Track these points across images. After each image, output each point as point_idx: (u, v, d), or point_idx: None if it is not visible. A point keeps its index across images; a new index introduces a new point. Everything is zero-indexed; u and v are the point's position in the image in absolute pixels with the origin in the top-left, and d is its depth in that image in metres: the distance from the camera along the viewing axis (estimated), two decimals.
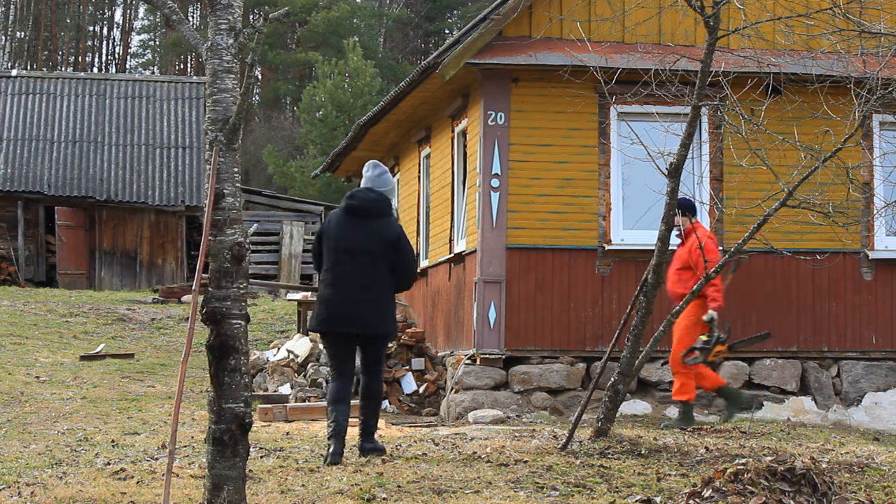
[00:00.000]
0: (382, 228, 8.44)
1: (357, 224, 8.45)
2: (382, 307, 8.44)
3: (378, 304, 8.40)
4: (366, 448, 8.36)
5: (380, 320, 8.41)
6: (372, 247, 8.37)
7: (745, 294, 12.47)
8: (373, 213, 8.47)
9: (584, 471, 7.56)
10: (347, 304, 8.34)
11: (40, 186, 29.84)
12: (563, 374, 12.16)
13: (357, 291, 8.34)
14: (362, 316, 8.34)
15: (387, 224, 8.47)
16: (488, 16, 12.36)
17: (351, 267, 8.37)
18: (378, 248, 8.37)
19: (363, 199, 8.49)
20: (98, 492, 6.83)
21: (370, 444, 8.39)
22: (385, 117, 15.27)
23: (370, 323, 8.36)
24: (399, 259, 8.44)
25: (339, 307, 8.36)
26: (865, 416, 12.44)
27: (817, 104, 10.15)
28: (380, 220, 8.47)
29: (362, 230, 8.42)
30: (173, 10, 6.06)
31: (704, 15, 8.79)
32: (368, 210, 8.46)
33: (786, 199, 9.13)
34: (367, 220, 8.44)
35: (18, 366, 14.54)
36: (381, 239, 8.39)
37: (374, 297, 8.37)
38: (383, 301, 8.45)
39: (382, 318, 8.43)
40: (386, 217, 8.51)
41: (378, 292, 8.39)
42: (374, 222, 8.45)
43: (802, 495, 5.92)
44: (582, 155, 12.44)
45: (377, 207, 8.48)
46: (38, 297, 23.81)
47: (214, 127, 5.84)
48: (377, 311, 8.40)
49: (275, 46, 50.98)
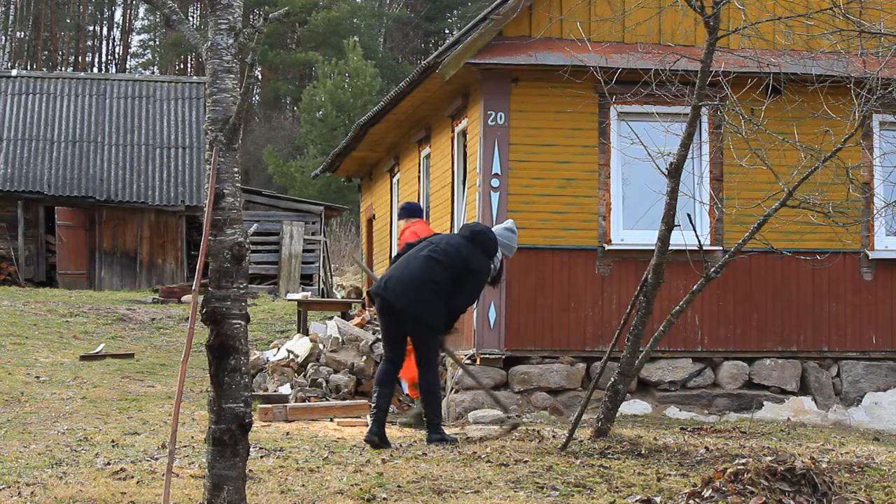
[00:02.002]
0: (472, 257, 8.96)
1: (460, 244, 9.06)
2: (429, 297, 8.85)
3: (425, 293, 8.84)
4: (429, 440, 8.86)
5: (423, 302, 8.82)
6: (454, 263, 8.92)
7: (745, 294, 12.47)
8: (475, 240, 9.05)
9: (584, 471, 7.56)
10: (398, 276, 8.93)
11: (40, 186, 29.83)
12: (563, 374, 12.16)
13: (414, 273, 8.89)
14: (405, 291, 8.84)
15: (478, 257, 8.99)
16: (488, 16, 12.36)
17: (421, 261, 8.95)
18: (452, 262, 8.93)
19: (476, 231, 9.12)
20: (98, 492, 6.83)
21: (434, 435, 8.88)
22: (385, 117, 15.27)
23: (411, 299, 8.81)
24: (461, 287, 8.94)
25: (391, 274, 8.99)
26: (865, 416, 12.44)
27: (817, 104, 10.16)
28: (476, 251, 8.99)
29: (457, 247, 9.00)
30: (173, 10, 6.06)
31: (704, 15, 8.80)
32: (472, 236, 9.07)
33: (786, 199, 9.13)
34: (469, 242, 9.02)
35: (18, 366, 14.54)
36: (465, 263, 8.91)
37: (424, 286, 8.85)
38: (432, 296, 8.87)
39: (425, 303, 8.83)
40: (483, 254, 9.02)
41: (432, 289, 8.86)
42: (472, 248, 9.01)
43: (802, 495, 5.92)
44: (582, 155, 12.44)
45: (483, 240, 9.04)
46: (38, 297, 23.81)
47: (214, 127, 5.84)
48: (424, 295, 8.84)
49: (275, 46, 50.98)
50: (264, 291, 28.53)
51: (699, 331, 12.41)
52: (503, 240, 9.22)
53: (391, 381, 8.99)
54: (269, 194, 31.30)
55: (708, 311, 12.39)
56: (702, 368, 12.40)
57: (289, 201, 31.21)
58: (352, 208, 38.30)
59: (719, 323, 12.45)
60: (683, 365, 12.36)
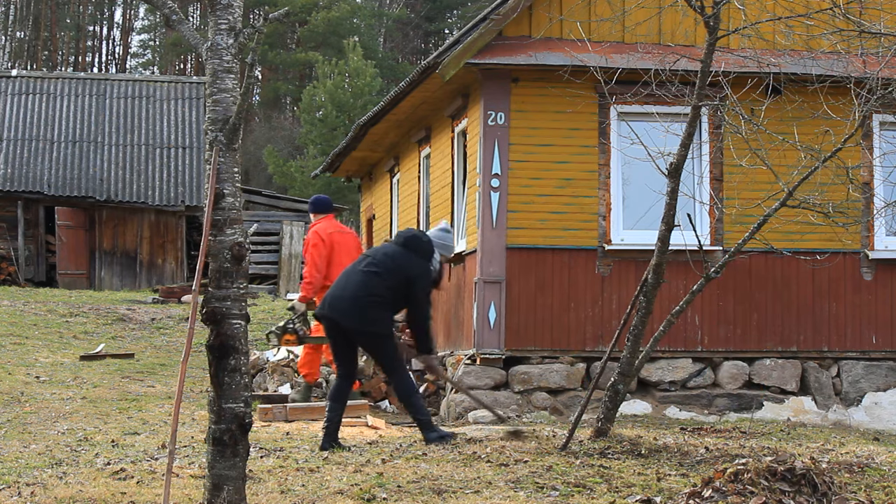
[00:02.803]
0: (409, 263, 8.94)
1: (395, 252, 9.08)
2: (372, 310, 8.88)
3: (367, 307, 8.87)
4: (426, 440, 8.85)
5: (367, 317, 8.85)
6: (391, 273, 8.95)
7: (745, 294, 12.47)
8: (409, 246, 9.05)
9: (584, 471, 7.56)
10: (339, 294, 8.99)
11: (40, 186, 29.84)
12: (563, 374, 12.16)
13: (354, 289, 8.91)
14: (348, 308, 8.88)
15: (416, 262, 9.00)
16: (488, 16, 12.36)
17: (360, 276, 8.99)
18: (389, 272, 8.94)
19: (408, 237, 9.14)
20: (98, 492, 6.83)
21: (429, 434, 8.87)
22: (385, 117, 15.27)
23: (356, 316, 8.84)
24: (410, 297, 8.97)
25: (332, 293, 9.06)
26: (865, 416, 12.44)
27: (817, 104, 10.15)
28: (411, 256, 9.00)
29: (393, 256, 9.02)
30: (173, 10, 6.06)
31: (704, 15, 8.79)
32: (406, 242, 9.09)
33: (786, 199, 9.13)
34: (404, 249, 9.04)
35: (18, 366, 14.54)
36: (403, 271, 8.92)
37: (366, 300, 8.88)
38: (376, 308, 8.89)
39: (370, 317, 8.86)
40: (420, 258, 9.03)
41: (376, 302, 8.88)
42: (408, 254, 9.02)
43: (802, 495, 5.92)
44: (582, 155, 12.44)
45: (417, 244, 9.06)
46: (38, 297, 23.81)
47: (214, 127, 5.83)
48: (366, 310, 8.87)
49: (275, 46, 50.99)
50: (264, 291, 28.54)
51: (699, 331, 12.41)
52: (438, 241, 9.26)
53: (343, 397, 9.06)
54: (269, 194, 31.31)
55: (708, 311, 12.39)
56: (702, 368, 12.41)
57: (289, 201, 31.23)
58: (352, 208, 38.31)
59: (719, 323, 12.45)
60: (683, 365, 12.36)
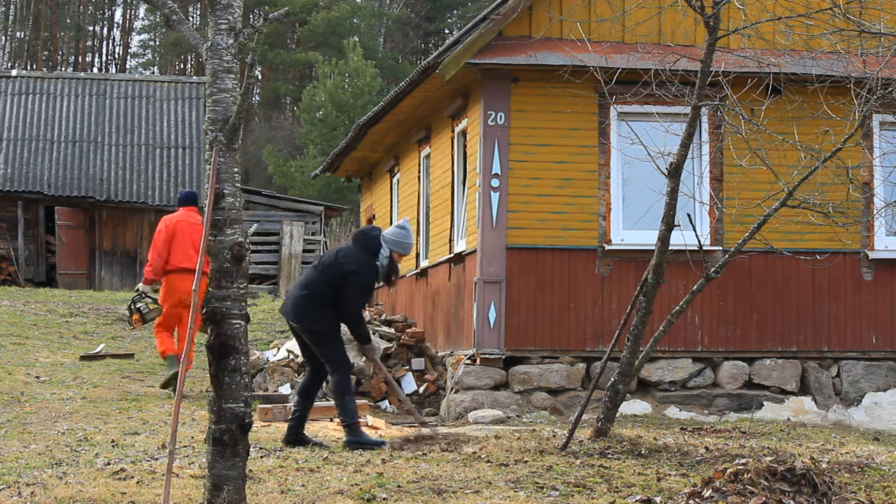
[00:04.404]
0: (348, 259, 9.08)
1: (341, 248, 9.30)
2: (306, 305, 9.06)
3: (302, 302, 9.07)
4: (346, 443, 8.84)
5: (303, 314, 9.03)
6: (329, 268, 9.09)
7: (745, 294, 12.47)
8: (357, 241, 9.21)
9: (584, 471, 7.56)
10: (289, 293, 9.35)
11: (40, 186, 29.83)
12: (563, 374, 12.16)
13: (297, 287, 9.20)
14: (291, 307, 9.10)
15: (356, 258, 9.09)
16: (488, 16, 12.36)
17: (306, 273, 9.28)
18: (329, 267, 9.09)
19: (359, 232, 9.30)
20: (98, 492, 6.83)
21: (351, 437, 8.84)
22: (385, 117, 15.27)
23: (296, 313, 9.05)
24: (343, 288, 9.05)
25: (287, 293, 9.47)
26: (865, 416, 12.44)
27: (817, 104, 10.16)
28: (355, 251, 9.15)
29: (338, 252, 9.24)
30: (173, 10, 6.06)
31: (704, 15, 8.80)
32: (355, 238, 9.27)
33: (786, 199, 9.13)
34: (353, 244, 9.21)
35: (18, 366, 14.53)
36: (341, 266, 9.02)
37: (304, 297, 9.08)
38: (310, 303, 9.06)
39: (305, 313, 9.03)
40: (364, 253, 9.11)
41: (309, 296, 9.06)
42: (352, 249, 9.16)
43: (802, 495, 5.92)
44: (582, 155, 12.45)
45: (365, 239, 9.18)
46: (38, 297, 23.80)
47: (214, 127, 5.83)
48: (302, 306, 9.06)
49: (275, 46, 50.98)
50: (264, 291, 28.53)
51: (699, 331, 12.41)
52: (393, 237, 9.27)
53: (311, 393, 9.19)
54: (269, 194, 31.30)
55: (708, 311, 12.39)
56: (702, 368, 12.41)
57: (289, 201, 31.22)
58: (352, 208, 38.31)
59: (719, 323, 12.45)
60: (683, 365, 12.36)
